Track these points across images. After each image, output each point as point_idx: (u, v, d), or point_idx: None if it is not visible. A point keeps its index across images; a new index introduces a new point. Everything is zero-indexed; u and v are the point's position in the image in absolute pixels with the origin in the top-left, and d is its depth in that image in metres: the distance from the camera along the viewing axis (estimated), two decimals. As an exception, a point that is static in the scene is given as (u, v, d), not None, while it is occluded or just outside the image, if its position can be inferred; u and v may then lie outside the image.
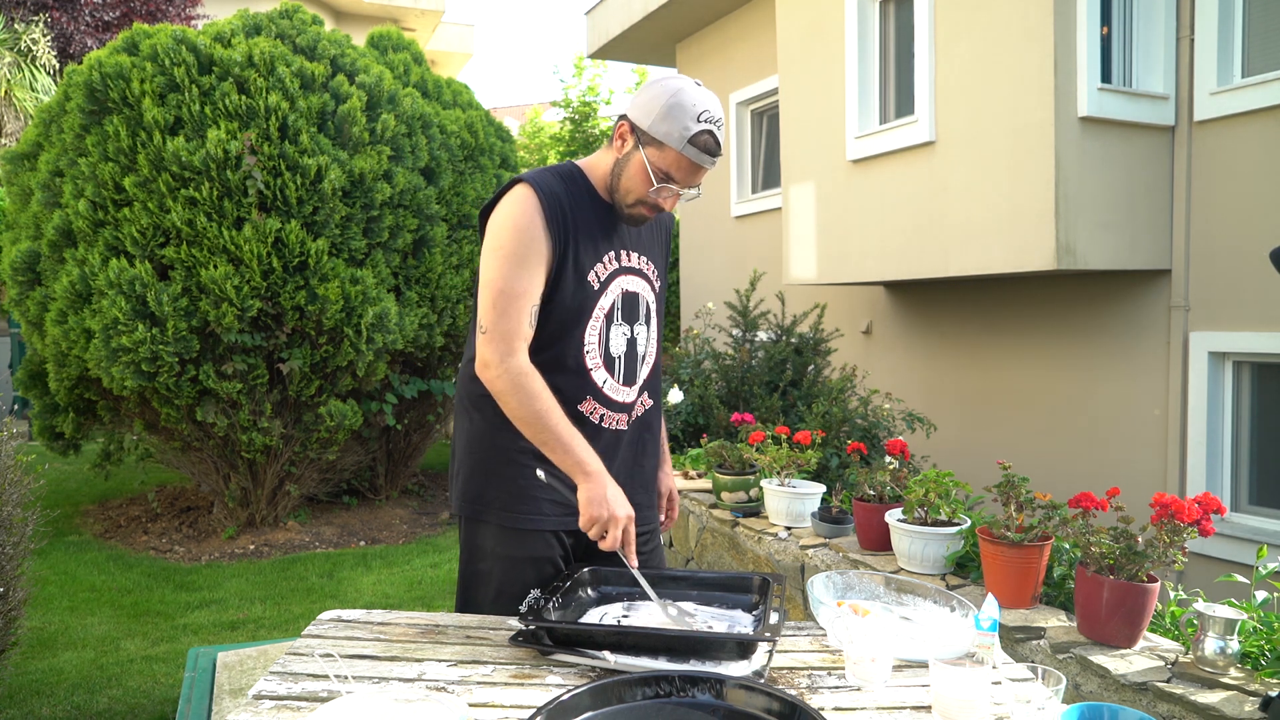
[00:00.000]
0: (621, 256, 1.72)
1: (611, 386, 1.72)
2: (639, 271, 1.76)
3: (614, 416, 1.74)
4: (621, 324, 1.73)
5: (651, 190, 1.63)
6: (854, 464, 3.54)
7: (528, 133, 16.88)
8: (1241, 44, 4.58)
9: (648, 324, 1.78)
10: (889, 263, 5.61)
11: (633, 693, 1.19)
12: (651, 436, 1.86)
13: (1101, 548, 2.13)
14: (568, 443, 1.57)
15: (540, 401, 1.57)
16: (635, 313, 1.75)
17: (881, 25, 5.85)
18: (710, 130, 1.58)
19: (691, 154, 1.58)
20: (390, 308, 5.30)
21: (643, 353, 1.77)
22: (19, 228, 5.64)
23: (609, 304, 1.69)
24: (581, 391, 1.69)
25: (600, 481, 1.56)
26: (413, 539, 5.82)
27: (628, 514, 1.56)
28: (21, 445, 3.76)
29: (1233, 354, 4.65)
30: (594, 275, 1.67)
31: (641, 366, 1.78)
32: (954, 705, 1.23)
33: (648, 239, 1.80)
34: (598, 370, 1.70)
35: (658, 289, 1.81)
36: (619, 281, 1.71)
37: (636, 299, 1.75)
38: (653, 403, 1.85)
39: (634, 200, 1.66)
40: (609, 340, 1.70)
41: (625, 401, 1.75)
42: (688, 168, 1.61)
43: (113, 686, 3.46)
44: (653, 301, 1.79)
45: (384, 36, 6.37)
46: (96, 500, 6.79)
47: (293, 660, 1.43)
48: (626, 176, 1.64)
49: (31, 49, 10.98)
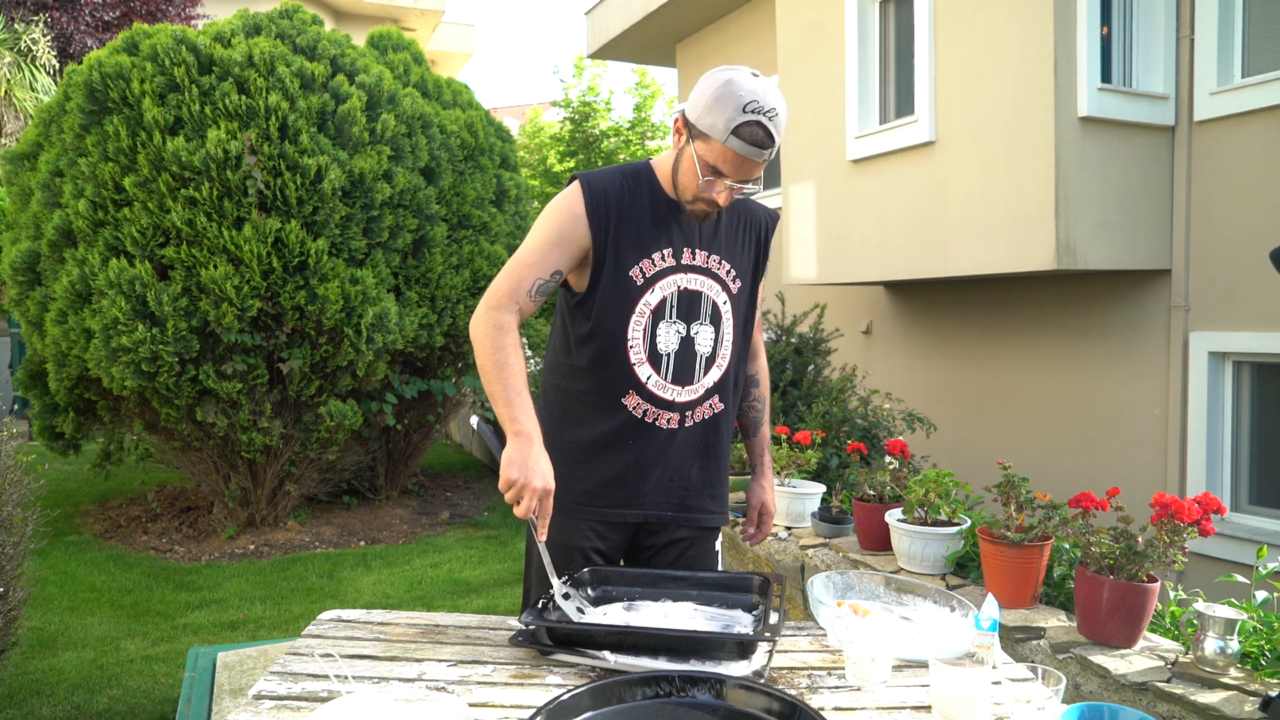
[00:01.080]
0: (684, 255, 1.69)
1: (657, 383, 1.69)
2: (706, 271, 1.72)
3: (664, 415, 1.71)
4: (675, 322, 1.69)
5: (702, 184, 1.59)
6: (854, 464, 3.55)
7: (528, 133, 16.87)
8: (1241, 44, 4.58)
9: (715, 325, 1.73)
10: (889, 263, 5.61)
11: (633, 693, 1.19)
12: (719, 441, 1.80)
13: (1101, 548, 2.13)
14: (508, 399, 1.56)
15: (500, 354, 1.59)
16: (695, 312, 1.71)
17: (881, 25, 5.85)
18: (758, 121, 1.51)
19: (736, 146, 1.52)
20: (390, 308, 5.30)
21: (705, 353, 1.72)
22: (19, 228, 5.64)
23: (657, 300, 1.67)
24: (624, 385, 1.69)
25: (526, 446, 1.52)
26: (413, 539, 5.82)
27: (545, 486, 1.50)
28: (21, 445, 3.76)
29: (1233, 354, 4.65)
30: (637, 271, 1.66)
31: (704, 367, 1.73)
32: (954, 705, 1.23)
33: (728, 239, 1.74)
34: (641, 366, 1.68)
35: (735, 290, 1.75)
36: (674, 279, 1.68)
37: (697, 298, 1.71)
38: (724, 407, 1.79)
39: (691, 196, 1.63)
40: (655, 337, 1.68)
41: (678, 401, 1.72)
42: (734, 161, 1.54)
43: (113, 686, 3.46)
44: (723, 303, 1.74)
45: (384, 36, 6.37)
46: (96, 500, 6.79)
47: (293, 660, 1.43)
48: (681, 172, 1.62)
49: (31, 49, 10.98)
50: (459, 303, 5.99)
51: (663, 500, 1.78)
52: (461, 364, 6.57)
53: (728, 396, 1.80)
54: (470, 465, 8.47)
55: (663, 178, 1.69)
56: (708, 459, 1.80)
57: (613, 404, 1.69)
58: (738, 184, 1.58)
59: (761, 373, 1.97)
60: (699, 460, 1.79)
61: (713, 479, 1.83)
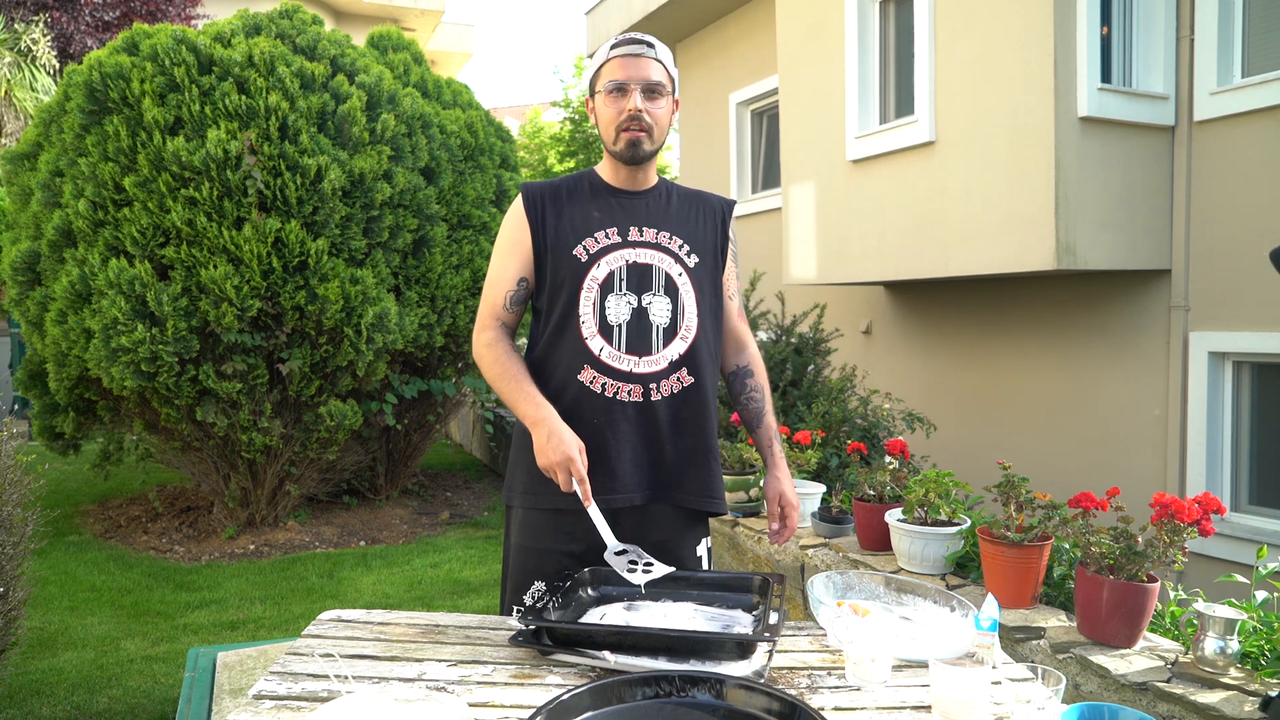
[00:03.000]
0: (631, 232, 1.79)
1: (611, 354, 1.74)
2: (656, 245, 1.79)
3: (621, 387, 1.74)
4: (625, 294, 1.75)
5: (614, 107, 1.73)
6: (854, 464, 3.55)
7: (528, 133, 16.87)
8: (1241, 44, 4.58)
9: (672, 296, 1.78)
10: (889, 263, 5.61)
11: (633, 693, 1.19)
12: (693, 416, 1.79)
13: (1101, 548, 2.13)
14: (517, 399, 1.71)
15: (498, 365, 1.75)
16: (647, 283, 1.77)
17: (881, 25, 5.85)
18: (625, 37, 1.76)
19: (619, 53, 1.73)
20: (390, 308, 5.30)
21: (662, 324, 1.76)
22: (19, 228, 5.63)
23: (604, 274, 1.75)
24: (579, 360, 1.74)
25: (543, 430, 1.64)
26: (413, 539, 5.82)
27: (566, 454, 1.60)
28: (21, 445, 3.76)
29: (1233, 354, 4.65)
30: (581, 249, 1.76)
31: (663, 339, 1.76)
32: (954, 705, 1.23)
33: (678, 217, 1.85)
34: (593, 339, 1.74)
35: (691, 264, 1.81)
36: (621, 254, 1.77)
37: (648, 270, 1.77)
38: (695, 381, 1.79)
39: (614, 131, 1.75)
40: (604, 309, 1.74)
41: (637, 372, 1.74)
42: (624, 63, 1.73)
43: (113, 686, 3.46)
44: (678, 274, 1.79)
45: (384, 36, 6.37)
46: (96, 500, 6.79)
47: (293, 660, 1.43)
48: (602, 123, 1.78)
49: (31, 49, 10.98)
50: (459, 303, 5.99)
51: (634, 482, 1.76)
52: (461, 364, 6.57)
53: (701, 371, 1.79)
54: (470, 465, 8.47)
55: (605, 174, 1.84)
56: (681, 435, 1.79)
57: (570, 377, 1.75)
58: (645, 90, 1.72)
59: (754, 361, 1.98)
60: (672, 438, 1.78)
61: (690, 458, 1.80)
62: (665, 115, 1.78)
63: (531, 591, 1.58)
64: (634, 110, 1.71)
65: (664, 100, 1.76)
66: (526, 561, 1.78)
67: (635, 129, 1.73)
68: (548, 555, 1.75)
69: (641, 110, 1.72)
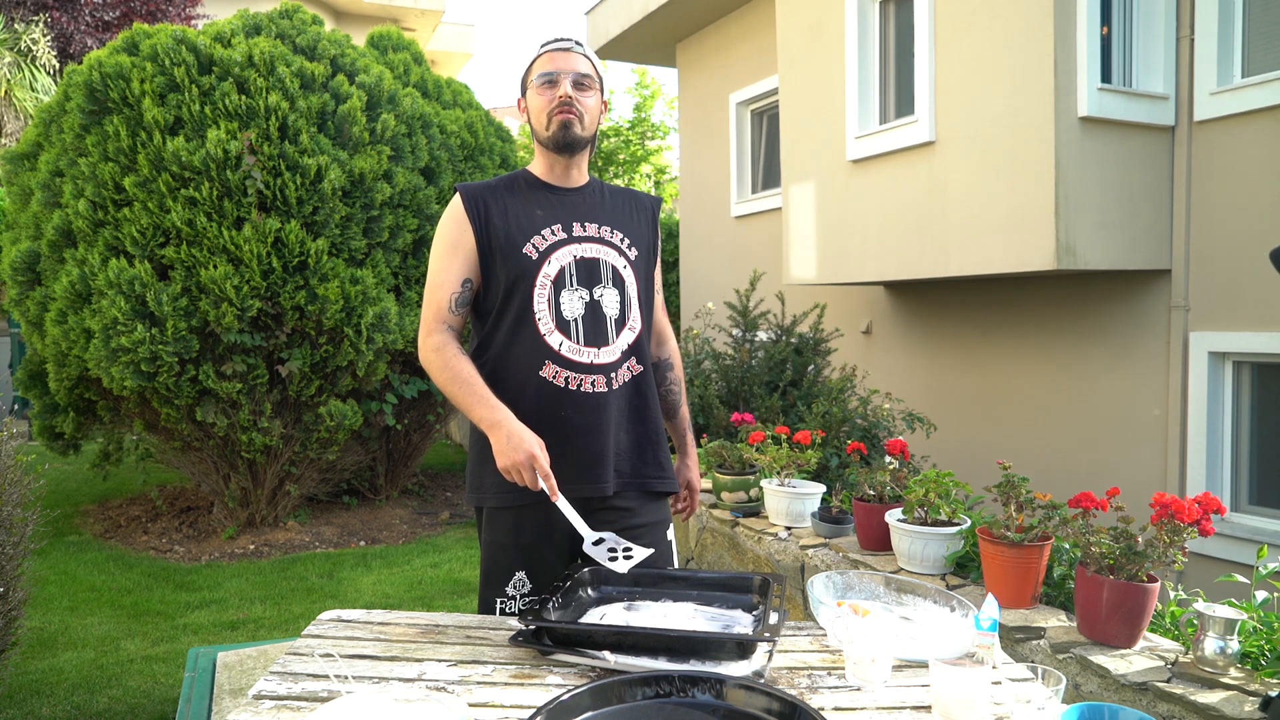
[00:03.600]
0: (574, 228, 1.82)
1: (570, 348, 1.77)
2: (600, 239, 1.84)
3: (584, 379, 1.77)
4: (577, 289, 1.79)
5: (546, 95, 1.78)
6: (854, 464, 3.54)
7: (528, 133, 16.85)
8: (1241, 44, 4.58)
9: (619, 288, 1.83)
10: (889, 263, 5.61)
11: (633, 693, 1.19)
12: (644, 403, 1.87)
13: (1101, 548, 2.13)
14: (470, 403, 1.69)
15: (448, 370, 1.73)
16: (596, 277, 1.81)
17: (881, 25, 5.85)
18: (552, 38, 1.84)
19: (547, 49, 1.81)
20: (390, 307, 5.30)
21: (613, 315, 1.81)
22: (19, 228, 5.64)
23: (555, 271, 1.78)
24: (539, 356, 1.76)
25: (500, 433, 1.63)
26: (413, 539, 5.82)
27: (527, 452, 1.60)
28: (21, 445, 3.76)
29: (1233, 354, 4.65)
30: (530, 247, 1.78)
31: (615, 329, 1.81)
32: (954, 705, 1.23)
33: (614, 212, 1.90)
34: (552, 334, 1.76)
35: (633, 257, 1.87)
36: (569, 249, 1.80)
37: (596, 264, 1.81)
38: (643, 369, 1.87)
39: (546, 117, 1.79)
40: (559, 304, 1.77)
41: (597, 363, 1.78)
42: (552, 57, 1.80)
43: (113, 686, 3.46)
44: (623, 267, 1.84)
45: (384, 36, 6.37)
46: (96, 500, 6.79)
47: (293, 660, 1.43)
48: (534, 114, 1.82)
49: (31, 49, 10.98)
50: (459, 303, 5.99)
51: (604, 472, 1.80)
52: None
53: (645, 359, 1.89)
54: (470, 465, 8.46)
55: (539, 167, 1.88)
56: (636, 421, 1.86)
57: (530, 374, 1.76)
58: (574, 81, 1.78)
59: (674, 355, 2.09)
60: (629, 425, 1.85)
61: (645, 442, 1.87)
62: (595, 108, 1.84)
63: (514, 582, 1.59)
64: (565, 96, 1.77)
65: (593, 94, 1.82)
66: (501, 557, 1.79)
67: (566, 112, 1.78)
68: (523, 550, 1.77)
69: (572, 97, 1.77)
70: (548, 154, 1.84)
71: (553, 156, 1.84)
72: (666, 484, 1.91)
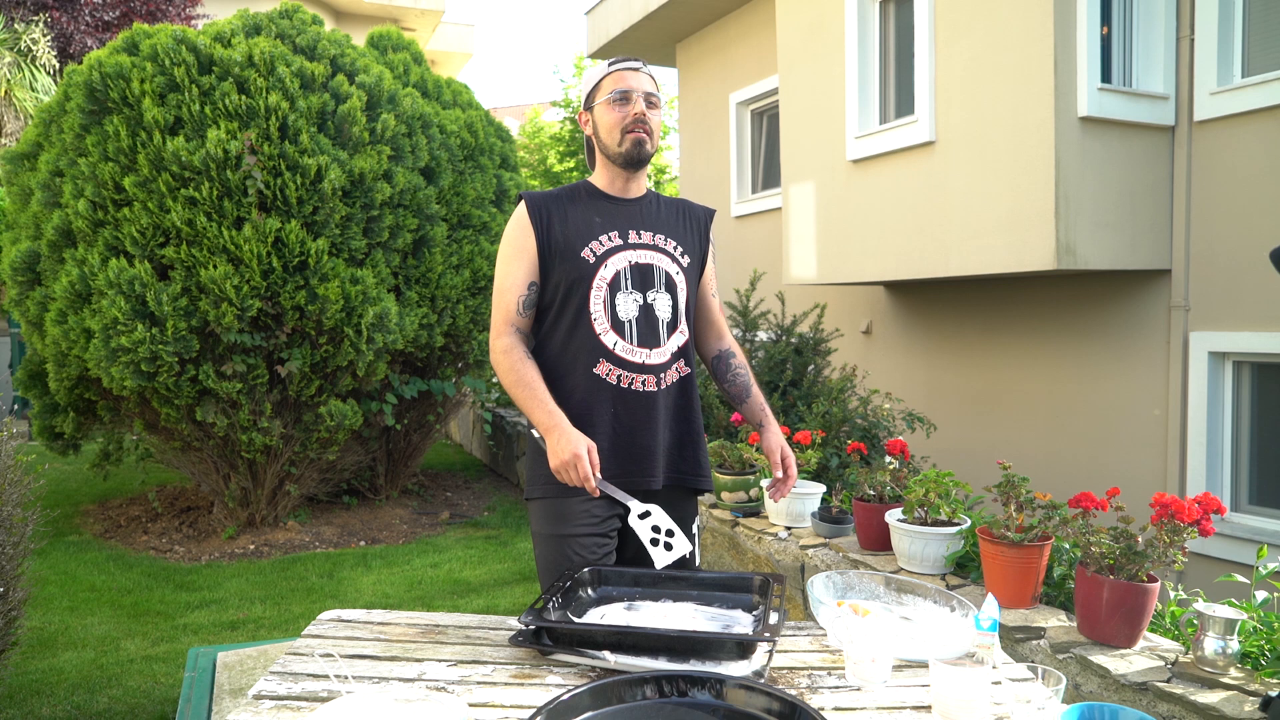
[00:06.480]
0: (630, 235, 1.92)
1: (624, 348, 1.87)
2: (653, 247, 1.94)
3: (636, 378, 1.88)
4: (632, 292, 1.88)
5: (619, 112, 1.87)
6: (854, 464, 3.55)
7: (528, 133, 16.88)
8: (1241, 44, 4.58)
9: (671, 293, 1.92)
10: (889, 263, 5.61)
11: (633, 693, 1.19)
12: (688, 403, 1.97)
13: (1101, 548, 2.13)
14: (531, 406, 1.81)
15: (514, 373, 1.84)
16: (649, 282, 1.90)
17: (881, 25, 5.85)
18: (617, 59, 1.93)
19: (618, 68, 1.91)
20: (390, 308, 5.30)
21: (665, 318, 1.91)
22: (19, 228, 5.63)
23: (611, 274, 1.87)
24: (594, 355, 1.86)
25: (556, 435, 1.75)
26: (413, 539, 5.82)
27: (575, 452, 1.72)
28: (21, 445, 3.76)
29: (1233, 354, 4.65)
30: (588, 251, 1.88)
31: (666, 332, 1.91)
32: (954, 705, 1.23)
33: (669, 222, 2.00)
34: (607, 334, 1.86)
35: (685, 264, 1.97)
36: (625, 255, 1.90)
37: (650, 270, 1.91)
38: (689, 371, 1.97)
39: (619, 134, 1.88)
40: (615, 306, 1.86)
41: (648, 364, 1.88)
42: (624, 76, 1.90)
43: (113, 686, 3.46)
44: (676, 274, 1.94)
45: (384, 36, 6.37)
46: (96, 500, 6.79)
47: (293, 660, 1.43)
48: (604, 131, 1.91)
49: (31, 49, 10.98)
50: (459, 303, 5.99)
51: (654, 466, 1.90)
52: (461, 364, 6.57)
53: (691, 362, 2.00)
54: (470, 465, 8.47)
55: (600, 179, 1.97)
56: (680, 420, 1.96)
57: (586, 372, 1.86)
58: (645, 95, 1.88)
59: (734, 345, 2.17)
60: (674, 423, 1.95)
61: (686, 441, 1.98)
62: (658, 125, 1.95)
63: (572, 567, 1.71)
64: (639, 114, 1.87)
65: (658, 112, 1.93)
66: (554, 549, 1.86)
67: (641, 130, 1.88)
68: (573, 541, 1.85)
69: (645, 114, 1.88)
70: (612, 168, 1.94)
71: (616, 170, 1.93)
72: (703, 482, 2.01)
